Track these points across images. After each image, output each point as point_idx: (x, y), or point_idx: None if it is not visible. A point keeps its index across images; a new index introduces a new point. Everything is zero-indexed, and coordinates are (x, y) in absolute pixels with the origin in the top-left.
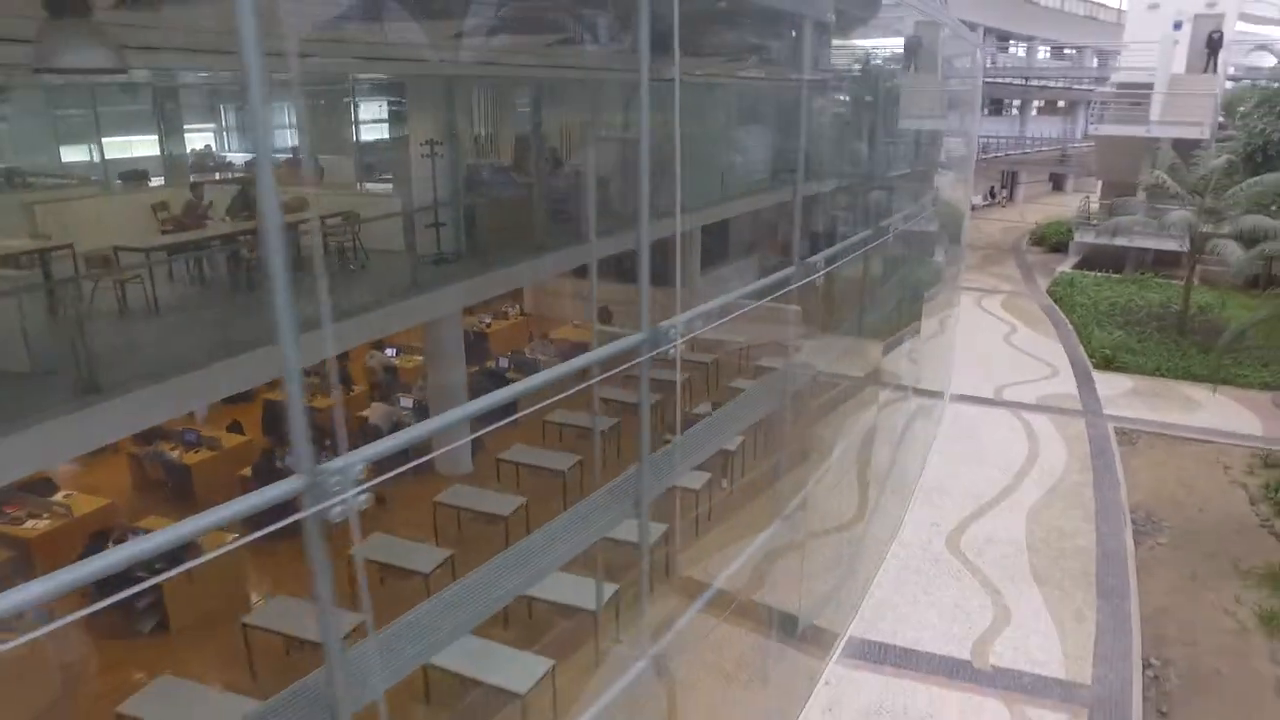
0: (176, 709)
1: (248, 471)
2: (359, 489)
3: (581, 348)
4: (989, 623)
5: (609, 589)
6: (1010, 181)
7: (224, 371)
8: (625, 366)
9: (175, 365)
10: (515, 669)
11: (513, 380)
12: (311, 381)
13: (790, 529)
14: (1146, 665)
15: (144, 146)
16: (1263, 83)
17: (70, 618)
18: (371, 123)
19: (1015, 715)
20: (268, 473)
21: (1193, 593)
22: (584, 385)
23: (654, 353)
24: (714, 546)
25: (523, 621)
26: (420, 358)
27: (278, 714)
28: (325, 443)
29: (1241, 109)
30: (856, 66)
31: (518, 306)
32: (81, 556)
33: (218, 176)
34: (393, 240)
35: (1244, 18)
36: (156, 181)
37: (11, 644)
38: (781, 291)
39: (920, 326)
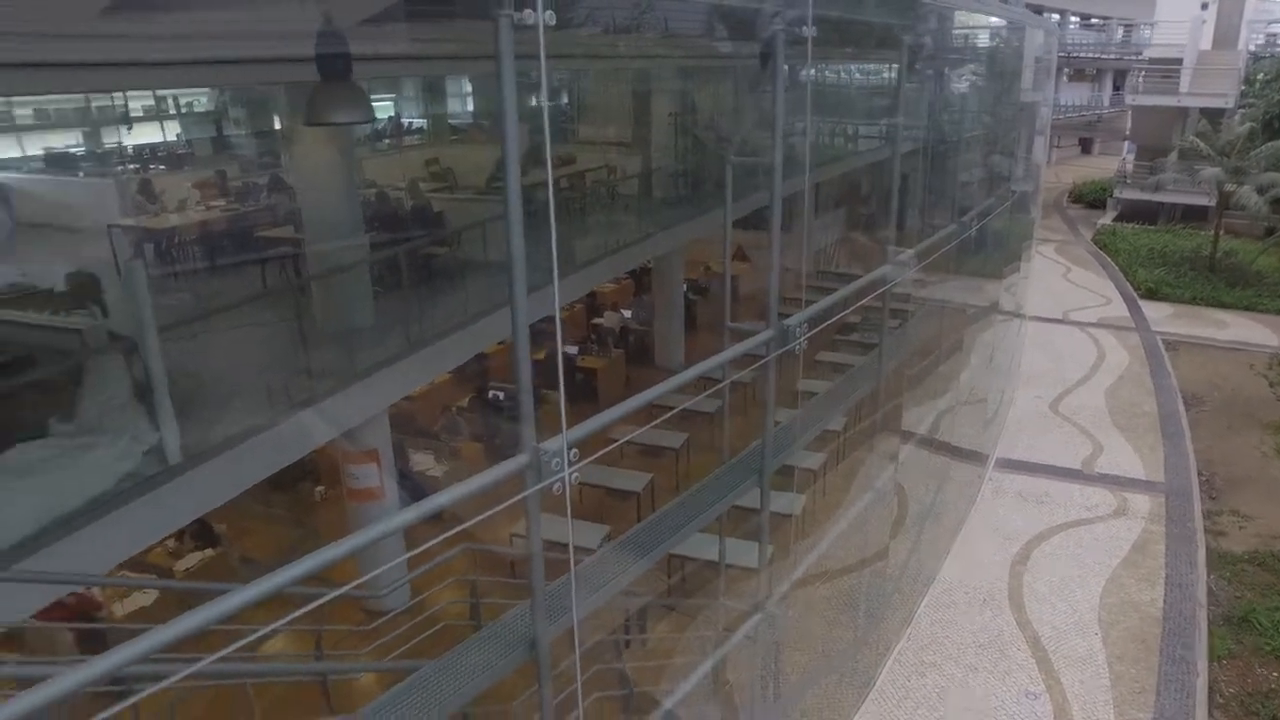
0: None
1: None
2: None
3: (719, 278)
4: (1089, 451)
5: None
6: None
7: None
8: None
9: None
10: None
11: (693, 300)
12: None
13: (953, 397)
14: (1200, 474)
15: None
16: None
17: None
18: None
19: (1117, 497)
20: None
21: (1229, 438)
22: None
23: (886, 288)
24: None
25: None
26: (611, 285)
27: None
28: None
29: (1260, 78)
30: (983, 45)
31: None
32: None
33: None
34: (631, 186)
35: None
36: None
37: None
38: (950, 245)
39: (1020, 266)
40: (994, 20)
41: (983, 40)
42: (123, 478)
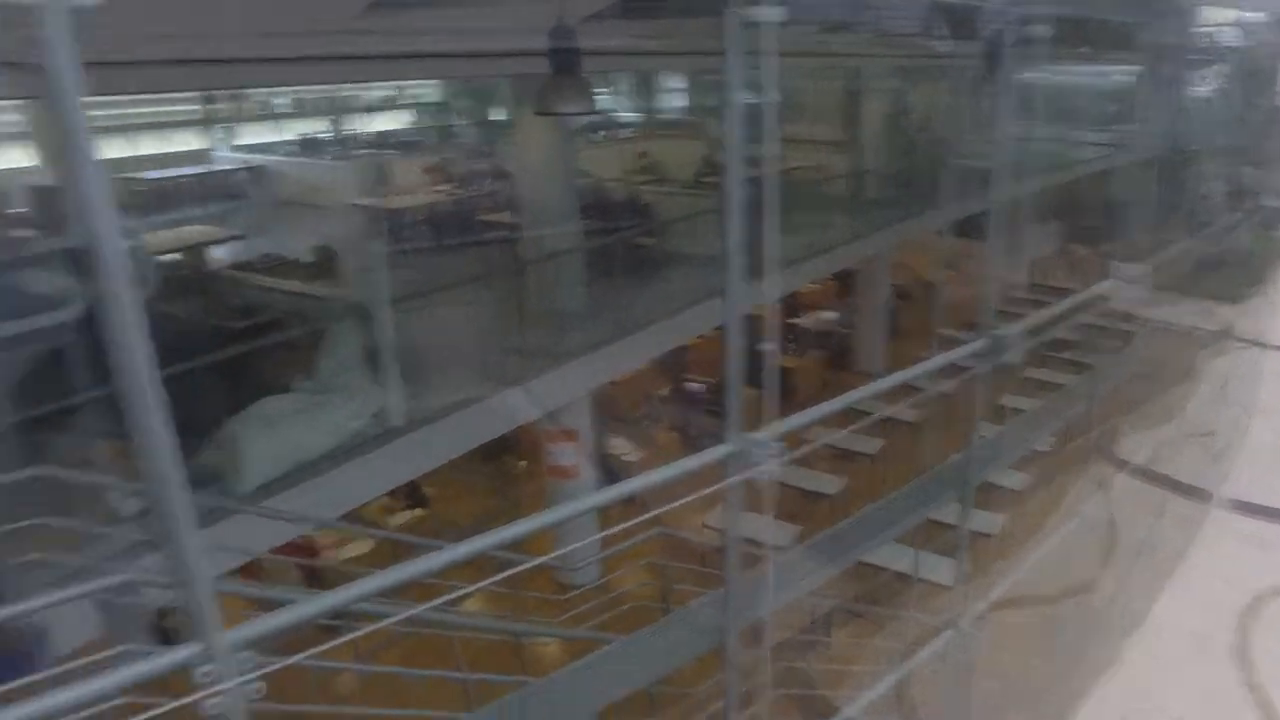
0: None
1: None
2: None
3: (924, 285)
4: None
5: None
6: None
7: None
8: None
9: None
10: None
11: (897, 305)
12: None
13: (1176, 427)
14: None
15: None
16: None
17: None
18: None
19: None
20: None
21: None
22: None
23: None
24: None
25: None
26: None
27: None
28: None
29: None
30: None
31: None
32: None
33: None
34: (840, 187)
35: None
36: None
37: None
38: (1183, 263)
39: (1264, 289)
40: (1247, 16)
41: (1232, 38)
42: (352, 435)
